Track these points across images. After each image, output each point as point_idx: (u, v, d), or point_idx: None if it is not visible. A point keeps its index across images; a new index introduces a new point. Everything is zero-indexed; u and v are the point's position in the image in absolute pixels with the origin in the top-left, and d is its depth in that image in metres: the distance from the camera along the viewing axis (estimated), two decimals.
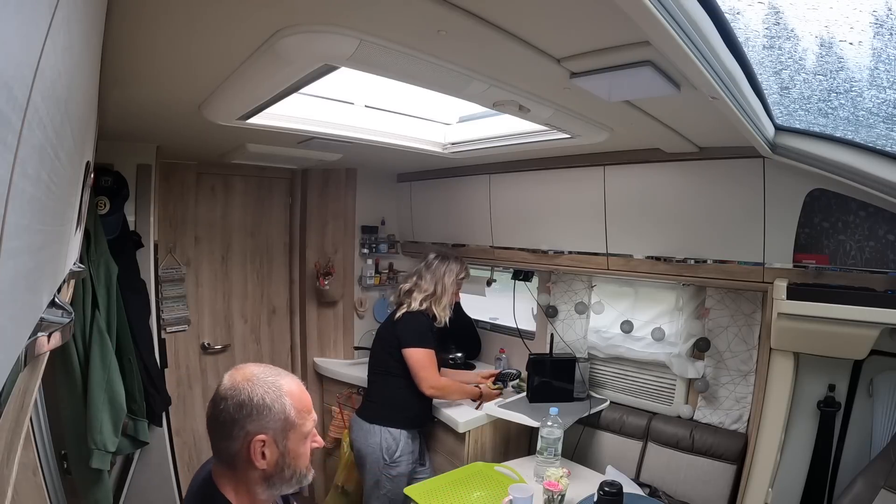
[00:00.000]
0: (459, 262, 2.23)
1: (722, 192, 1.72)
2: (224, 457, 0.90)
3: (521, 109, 1.29)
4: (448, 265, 2.18)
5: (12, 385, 0.40)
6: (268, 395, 0.88)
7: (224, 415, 0.87)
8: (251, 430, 0.87)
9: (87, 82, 0.69)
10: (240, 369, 0.92)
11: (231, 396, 0.87)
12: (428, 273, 2.16)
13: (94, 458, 1.64)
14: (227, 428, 0.87)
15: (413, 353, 2.02)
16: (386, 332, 2.16)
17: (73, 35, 0.43)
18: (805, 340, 1.52)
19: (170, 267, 2.45)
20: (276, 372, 0.94)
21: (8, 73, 0.24)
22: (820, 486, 1.64)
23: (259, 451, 0.87)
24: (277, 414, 0.89)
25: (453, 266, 2.18)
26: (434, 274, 2.15)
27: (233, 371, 0.92)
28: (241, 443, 0.87)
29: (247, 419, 0.87)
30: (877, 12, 1.16)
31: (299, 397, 0.93)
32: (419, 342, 2.04)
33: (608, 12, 0.77)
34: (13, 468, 0.73)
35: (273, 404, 0.88)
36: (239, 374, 0.91)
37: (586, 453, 2.17)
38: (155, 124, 1.71)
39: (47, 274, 0.54)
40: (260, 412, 0.87)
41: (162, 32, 0.93)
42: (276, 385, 0.91)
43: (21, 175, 0.29)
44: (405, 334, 2.06)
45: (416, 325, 2.07)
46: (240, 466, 0.89)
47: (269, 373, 0.92)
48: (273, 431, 0.88)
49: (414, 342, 2.04)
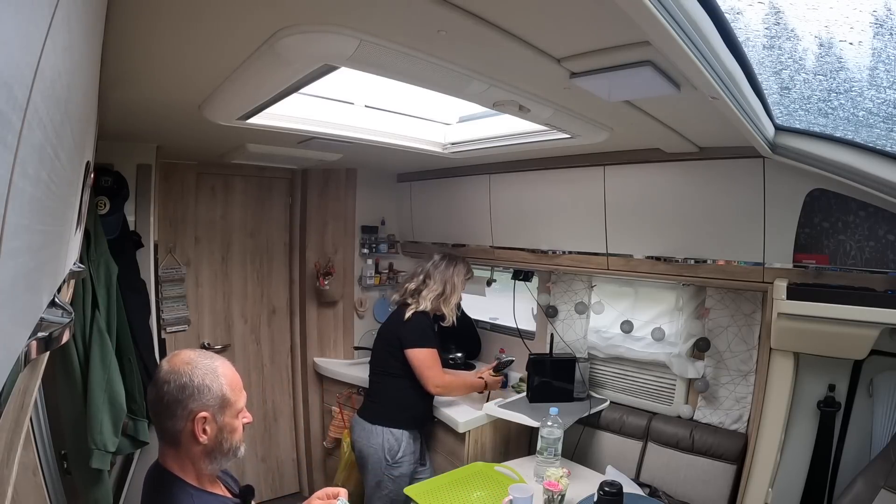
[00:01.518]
0: (465, 262, 2.28)
1: (722, 192, 1.72)
2: (168, 436, 0.99)
3: (521, 109, 1.29)
4: (456, 265, 2.22)
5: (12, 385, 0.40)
6: (207, 376, 0.99)
7: (168, 396, 0.96)
8: (194, 409, 0.96)
9: (87, 82, 0.69)
10: (177, 355, 1.01)
11: (173, 380, 0.96)
12: (437, 273, 2.18)
13: (94, 458, 1.64)
14: (172, 408, 0.96)
15: (416, 353, 2.03)
16: (387, 333, 2.16)
17: (73, 35, 0.43)
18: (805, 340, 1.52)
19: (170, 267, 2.45)
20: (210, 356, 1.04)
21: (8, 73, 0.24)
22: (820, 486, 1.64)
23: (201, 427, 0.97)
24: (216, 393, 0.99)
25: (461, 267, 2.22)
26: (443, 274, 2.17)
27: (170, 357, 1.01)
28: (185, 421, 0.97)
29: (189, 398, 0.96)
30: (877, 12, 1.16)
31: (232, 378, 1.04)
32: (422, 342, 2.04)
33: (608, 12, 0.77)
34: (13, 468, 0.73)
35: (212, 384, 0.99)
36: (177, 359, 1.00)
37: (586, 453, 2.17)
38: (155, 124, 1.71)
39: (47, 274, 0.54)
40: (201, 392, 0.97)
41: (162, 32, 0.93)
42: (213, 367, 1.01)
43: (21, 175, 0.29)
44: (407, 335, 2.06)
45: (417, 326, 2.07)
46: (184, 443, 0.98)
47: (204, 356, 1.02)
48: (212, 409, 0.98)
49: (417, 342, 2.04)
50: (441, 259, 2.23)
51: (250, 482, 1.24)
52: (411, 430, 2.04)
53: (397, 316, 2.16)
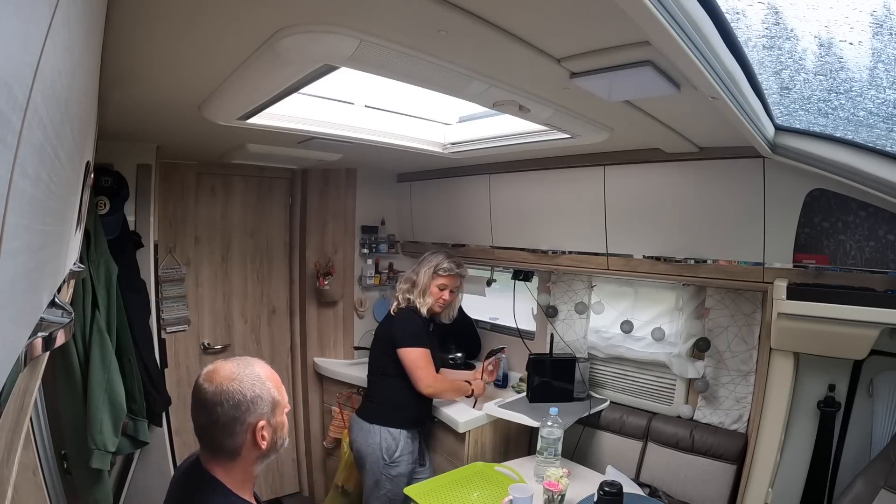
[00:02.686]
0: (446, 255, 2.17)
1: (722, 192, 1.72)
2: (226, 452, 0.98)
3: (521, 109, 1.29)
4: (433, 256, 2.16)
5: (12, 385, 0.40)
6: (255, 386, 0.99)
7: (223, 417, 0.95)
8: (252, 422, 0.97)
9: (87, 82, 0.69)
10: (216, 372, 0.99)
11: (225, 400, 0.95)
12: (416, 265, 2.19)
13: (94, 458, 1.64)
14: (229, 427, 0.96)
15: (408, 352, 2.02)
16: (382, 332, 2.16)
17: (73, 35, 0.43)
18: (805, 340, 1.52)
19: (170, 267, 2.45)
20: (246, 362, 1.03)
21: (8, 73, 0.24)
22: (820, 486, 1.64)
23: (260, 434, 0.98)
24: (267, 399, 1.00)
25: (435, 258, 2.15)
26: (419, 265, 2.16)
27: (209, 375, 0.99)
28: (244, 435, 0.97)
29: (246, 413, 0.96)
30: (877, 12, 1.16)
31: (274, 378, 1.05)
32: (413, 342, 2.03)
33: (608, 12, 0.77)
34: (13, 468, 0.73)
35: (262, 393, 0.99)
36: (219, 377, 0.98)
37: (586, 453, 2.17)
38: (155, 124, 1.71)
39: (47, 274, 0.54)
40: (255, 403, 0.97)
41: (162, 32, 0.93)
42: (256, 374, 1.01)
43: (21, 175, 0.29)
44: (399, 334, 2.05)
45: (409, 325, 2.06)
46: (243, 454, 0.99)
47: (243, 365, 1.02)
48: (267, 415, 1.00)
49: (408, 342, 2.03)
50: (427, 253, 2.21)
51: None
52: (409, 430, 2.04)
53: (390, 315, 2.16)
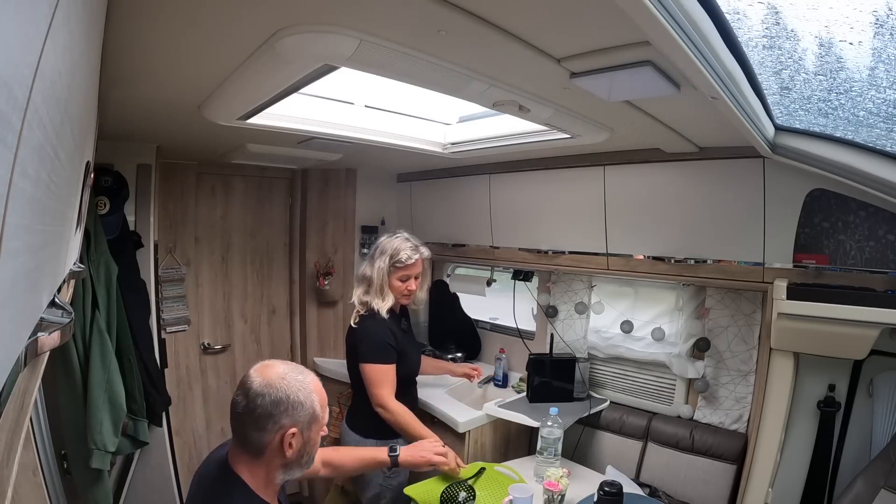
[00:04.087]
0: (403, 239, 1.82)
1: (722, 192, 1.72)
2: (252, 446, 0.98)
3: (521, 109, 1.29)
4: (387, 243, 1.81)
5: (12, 385, 0.40)
6: (301, 392, 0.99)
7: (261, 409, 0.95)
8: (286, 424, 0.97)
9: (87, 82, 0.69)
10: (269, 367, 1.01)
11: (268, 393, 0.96)
12: (368, 259, 1.84)
13: (94, 458, 1.64)
14: (262, 421, 0.96)
15: (367, 368, 1.75)
16: (349, 345, 1.86)
17: (73, 35, 0.43)
18: (805, 340, 1.52)
19: (170, 267, 2.44)
20: (301, 370, 1.04)
21: (8, 73, 0.24)
22: (820, 486, 1.64)
23: (289, 441, 0.98)
24: (307, 409, 1.00)
25: (389, 246, 1.80)
26: (371, 259, 1.82)
27: (261, 368, 1.01)
28: (273, 435, 0.97)
29: (283, 414, 0.96)
30: (877, 12, 1.16)
31: (322, 394, 1.05)
32: (374, 356, 1.75)
33: (608, 12, 0.77)
34: (13, 468, 0.72)
35: (305, 401, 0.99)
36: (271, 372, 0.99)
37: (586, 453, 2.17)
38: (155, 124, 1.71)
39: (47, 274, 0.54)
40: (294, 408, 0.98)
41: (162, 32, 0.93)
42: (305, 383, 1.01)
43: (21, 175, 0.29)
44: (360, 348, 1.77)
45: (369, 337, 1.77)
46: (266, 455, 0.99)
47: (296, 371, 1.03)
48: (301, 424, 0.99)
49: (368, 357, 1.75)
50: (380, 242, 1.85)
51: None
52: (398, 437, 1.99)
53: (351, 327, 1.84)
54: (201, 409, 2.59)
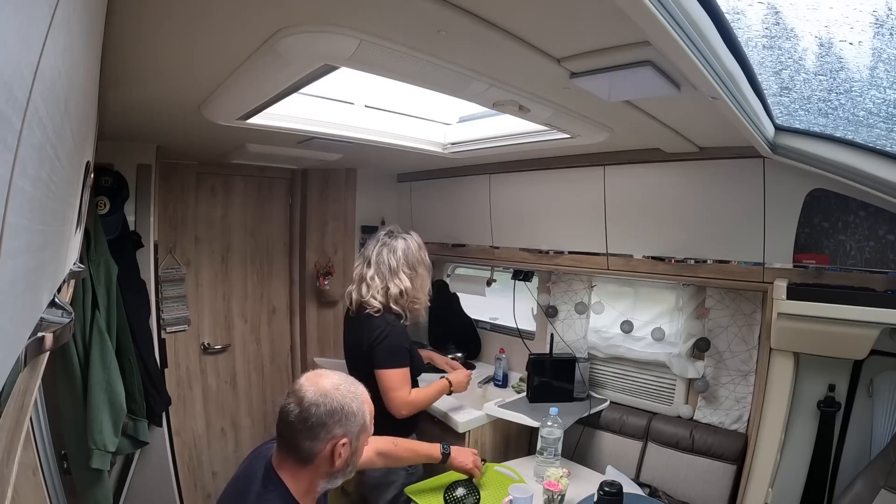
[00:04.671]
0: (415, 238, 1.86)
1: (722, 192, 1.72)
2: (301, 454, 0.99)
3: (521, 109, 1.29)
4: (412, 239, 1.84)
5: (12, 385, 0.40)
6: (354, 402, 1.01)
7: (314, 419, 0.97)
8: (338, 434, 0.99)
9: (87, 82, 0.69)
10: (321, 377, 1.03)
11: (323, 403, 0.98)
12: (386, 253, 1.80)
13: (94, 458, 1.64)
14: (315, 430, 0.97)
15: (386, 374, 1.70)
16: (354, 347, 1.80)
17: (73, 35, 0.43)
18: (805, 340, 1.52)
19: (170, 267, 2.44)
20: (351, 380, 1.06)
21: (8, 73, 0.24)
22: (820, 486, 1.64)
23: (339, 451, 0.99)
24: (360, 420, 1.02)
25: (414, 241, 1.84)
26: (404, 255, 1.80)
27: (314, 378, 1.03)
28: (325, 444, 0.98)
29: (336, 424, 0.98)
30: (877, 12, 1.16)
31: (370, 404, 1.07)
32: (396, 362, 1.71)
33: (608, 12, 0.77)
34: (13, 468, 0.72)
35: (357, 411, 1.01)
36: (325, 382, 1.01)
37: (586, 453, 2.17)
38: (155, 124, 1.71)
39: (47, 274, 0.54)
40: (348, 418, 1.00)
41: (162, 32, 0.93)
42: (357, 394, 1.04)
43: (21, 175, 0.29)
44: (381, 353, 1.71)
45: (391, 341, 1.71)
46: (316, 463, 1.00)
47: (347, 381, 1.04)
48: (352, 435, 1.01)
49: (389, 362, 1.70)
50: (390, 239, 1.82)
51: None
52: (413, 434, 2.01)
53: (366, 327, 1.75)
54: (201, 409, 2.59)
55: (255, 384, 2.82)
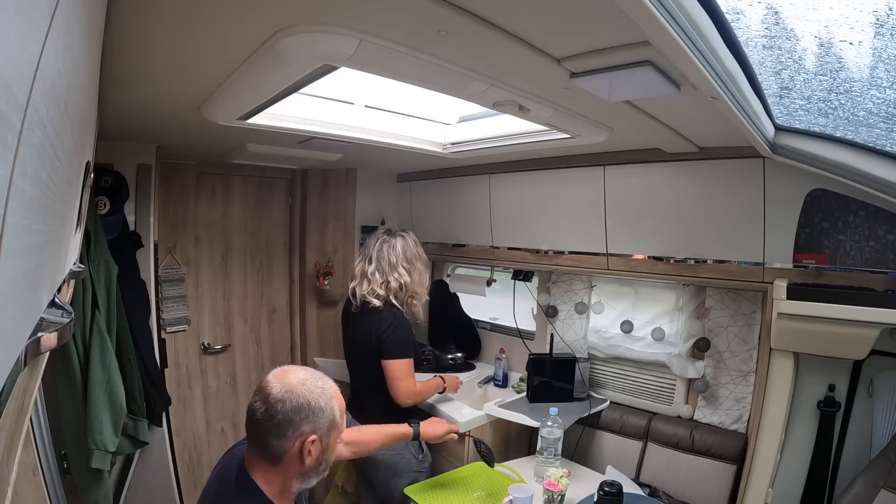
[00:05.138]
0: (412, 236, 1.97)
1: (722, 192, 1.72)
2: (270, 454, 0.96)
3: (521, 109, 1.29)
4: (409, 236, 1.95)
5: (12, 385, 0.40)
6: (322, 398, 0.98)
7: (281, 416, 0.94)
8: (306, 431, 0.96)
9: (87, 82, 0.69)
10: (288, 372, 1.00)
11: (288, 399, 0.95)
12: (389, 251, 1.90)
13: (94, 458, 1.64)
14: (283, 428, 0.95)
15: (394, 364, 1.80)
16: (362, 337, 1.87)
17: (73, 35, 0.43)
18: (805, 340, 1.52)
19: (170, 267, 2.45)
20: (320, 376, 1.03)
21: (8, 73, 0.24)
22: (820, 486, 1.64)
23: (308, 449, 0.96)
24: (328, 415, 0.98)
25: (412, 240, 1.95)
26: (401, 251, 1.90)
27: (280, 374, 1.00)
28: (293, 442, 0.95)
29: (303, 421, 0.95)
30: (877, 12, 1.16)
31: (340, 400, 1.04)
32: (404, 352, 1.81)
33: (608, 12, 0.77)
34: (13, 468, 0.73)
35: (325, 407, 0.98)
36: (291, 378, 0.98)
37: (586, 453, 2.17)
38: (155, 124, 1.71)
39: (47, 274, 0.54)
40: (315, 414, 0.97)
41: (162, 32, 0.93)
42: (325, 389, 1.00)
43: (21, 175, 0.29)
44: (389, 344, 1.80)
45: (399, 333, 1.82)
46: (285, 462, 0.97)
47: (315, 377, 1.02)
48: (322, 431, 0.98)
49: (397, 352, 1.80)
50: (388, 237, 1.92)
51: None
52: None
53: (372, 320, 1.84)
54: (201, 409, 2.59)
55: (255, 384, 2.80)
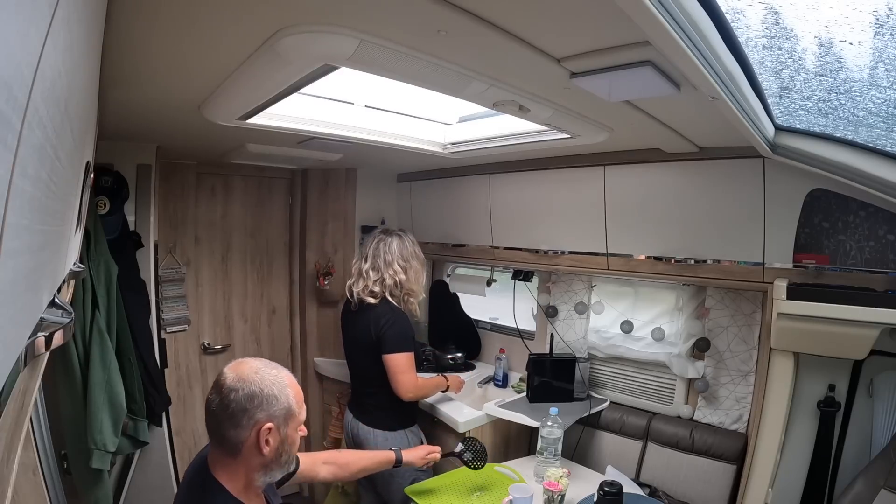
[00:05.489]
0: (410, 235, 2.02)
1: (722, 192, 1.72)
2: (229, 445, 0.96)
3: (521, 109, 1.29)
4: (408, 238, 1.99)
5: (12, 385, 0.40)
6: (274, 386, 0.98)
7: (234, 405, 0.94)
8: (260, 419, 0.95)
9: (87, 82, 0.69)
10: (242, 363, 1.00)
11: (241, 388, 0.95)
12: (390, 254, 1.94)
13: (94, 458, 1.64)
14: (237, 417, 0.94)
15: (394, 358, 1.83)
16: (363, 333, 1.90)
17: (73, 35, 0.43)
18: (805, 340, 1.52)
19: (170, 267, 2.45)
20: (274, 366, 1.03)
21: (8, 73, 0.24)
22: (820, 486, 1.64)
23: (265, 438, 0.95)
24: (283, 404, 0.98)
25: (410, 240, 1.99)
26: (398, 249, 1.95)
27: (235, 365, 1.00)
28: (249, 431, 0.95)
29: (257, 409, 0.95)
30: (877, 12, 1.16)
31: (297, 389, 1.03)
32: (404, 346, 1.85)
33: (608, 12, 0.77)
34: (13, 468, 0.73)
35: (279, 395, 0.98)
36: (244, 368, 0.99)
37: (586, 453, 2.17)
38: (155, 124, 1.71)
39: (47, 274, 0.54)
40: (269, 402, 0.96)
41: (162, 32, 0.93)
42: (279, 378, 1.00)
43: (21, 175, 0.29)
44: (390, 338, 1.84)
45: (399, 328, 1.86)
46: (244, 453, 0.96)
47: (269, 366, 1.02)
48: (277, 420, 0.97)
49: (397, 347, 1.84)
50: (385, 235, 1.96)
51: None
52: (417, 422, 2.03)
53: (370, 316, 1.88)
54: (201, 410, 2.54)
55: None
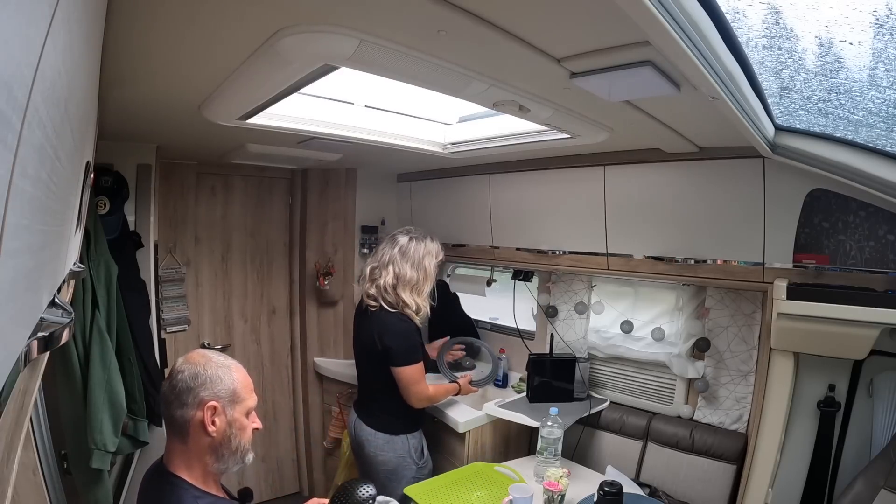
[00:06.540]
0: (431, 236, 1.98)
1: (722, 192, 1.72)
2: (177, 426, 1.02)
3: (521, 109, 1.29)
4: (429, 241, 1.95)
5: (12, 385, 0.40)
6: (220, 369, 1.04)
7: (180, 385, 1.00)
8: (204, 397, 1.01)
9: (87, 82, 0.69)
10: (194, 352, 1.08)
11: (187, 369, 1.02)
12: (395, 253, 1.92)
13: (94, 458, 1.64)
14: (182, 396, 1.00)
15: (403, 371, 1.83)
16: (368, 341, 1.89)
17: (73, 35, 0.43)
18: (805, 340, 1.52)
19: (170, 267, 2.45)
20: (225, 357, 1.10)
21: (8, 73, 0.24)
22: (820, 486, 1.64)
23: (210, 417, 1.00)
24: (227, 385, 1.04)
25: (430, 243, 1.95)
26: (410, 253, 1.91)
27: (188, 354, 1.07)
28: (194, 409, 1.00)
29: (200, 387, 1.01)
30: (877, 12, 1.16)
31: (243, 378, 1.09)
32: (411, 358, 1.84)
33: (608, 12, 0.77)
34: (13, 468, 0.73)
35: (224, 376, 1.04)
36: (193, 354, 1.06)
37: (586, 453, 2.17)
38: (155, 124, 1.71)
39: (47, 274, 0.54)
40: (212, 381, 1.02)
41: (162, 32, 0.93)
42: (226, 364, 1.07)
43: (21, 175, 0.29)
44: (395, 350, 1.83)
45: (404, 340, 1.84)
46: (192, 435, 1.01)
47: (219, 356, 1.09)
48: (222, 400, 1.02)
49: (404, 359, 1.83)
50: (410, 239, 1.93)
51: (250, 482, 1.25)
52: (421, 427, 2.03)
53: (372, 322, 1.89)
54: None
55: (255, 384, 2.75)
